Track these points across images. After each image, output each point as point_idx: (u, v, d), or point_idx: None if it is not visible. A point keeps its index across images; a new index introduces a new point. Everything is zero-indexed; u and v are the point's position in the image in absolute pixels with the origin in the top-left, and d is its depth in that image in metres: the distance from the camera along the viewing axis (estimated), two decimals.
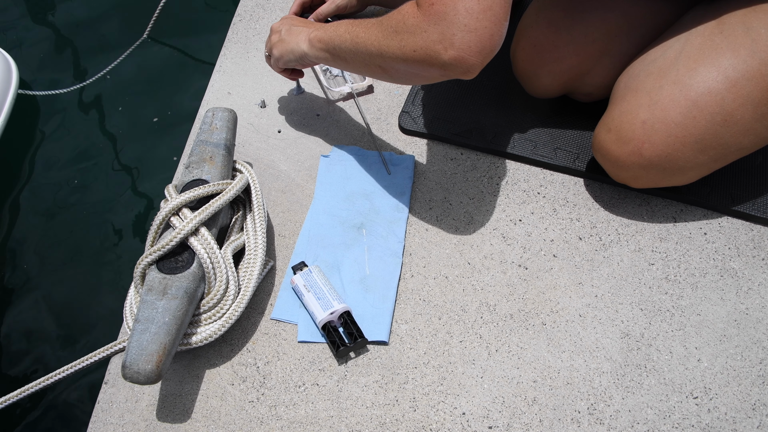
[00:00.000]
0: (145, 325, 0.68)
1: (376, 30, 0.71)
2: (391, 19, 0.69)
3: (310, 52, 0.83)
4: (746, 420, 0.71)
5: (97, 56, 1.66)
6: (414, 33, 0.66)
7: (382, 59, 0.71)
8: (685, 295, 0.81)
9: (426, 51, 0.65)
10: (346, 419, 0.73)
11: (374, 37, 0.71)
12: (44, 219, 1.41)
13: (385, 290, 0.81)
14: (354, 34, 0.74)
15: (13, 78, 1.44)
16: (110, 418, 0.74)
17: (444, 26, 0.63)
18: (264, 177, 0.95)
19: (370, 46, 0.72)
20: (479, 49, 0.64)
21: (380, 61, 0.72)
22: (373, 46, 0.71)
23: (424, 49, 0.66)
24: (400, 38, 0.67)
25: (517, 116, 0.98)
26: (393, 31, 0.68)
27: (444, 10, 0.63)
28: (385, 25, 0.70)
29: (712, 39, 0.75)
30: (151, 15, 1.57)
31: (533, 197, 0.91)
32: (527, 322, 0.79)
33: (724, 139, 0.75)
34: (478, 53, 0.64)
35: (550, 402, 0.73)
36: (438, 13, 0.63)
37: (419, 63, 0.67)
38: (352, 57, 0.76)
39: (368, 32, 0.72)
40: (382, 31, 0.70)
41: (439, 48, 0.64)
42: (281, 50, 0.87)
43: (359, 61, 0.75)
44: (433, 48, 0.65)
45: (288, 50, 0.86)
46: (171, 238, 0.73)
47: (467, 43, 0.63)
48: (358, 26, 0.74)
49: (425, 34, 0.65)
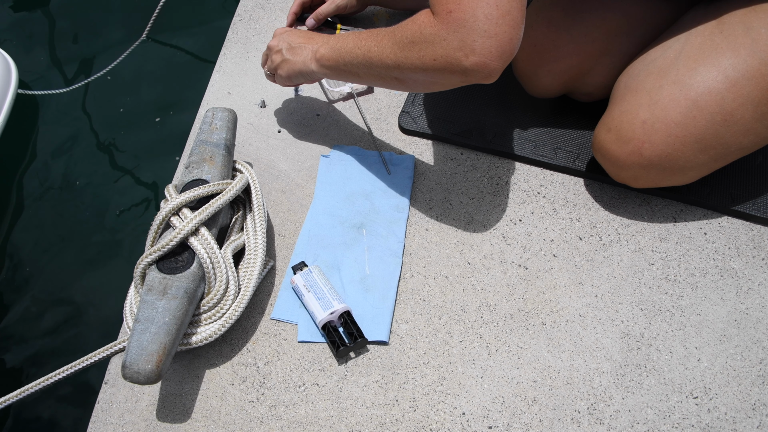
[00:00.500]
0: (145, 325, 0.68)
1: (390, 42, 0.71)
2: (405, 30, 0.69)
3: (318, 70, 0.82)
4: (746, 420, 0.71)
5: (97, 56, 1.67)
6: (433, 42, 0.66)
7: (399, 71, 0.71)
8: (685, 295, 0.81)
9: (447, 59, 0.66)
10: (346, 419, 0.73)
11: (389, 50, 0.71)
12: (44, 218, 1.41)
13: (385, 290, 0.81)
14: (366, 50, 0.74)
15: (12, 78, 1.44)
16: (110, 418, 0.74)
17: (464, 33, 0.63)
18: (264, 177, 0.95)
19: (385, 59, 0.72)
20: (500, 53, 0.64)
21: (397, 73, 0.72)
22: (389, 59, 0.71)
23: (444, 57, 0.66)
24: (418, 48, 0.68)
25: (517, 116, 0.98)
26: (409, 42, 0.68)
27: (463, 17, 0.63)
28: (399, 36, 0.70)
29: (712, 39, 0.75)
30: (151, 15, 1.57)
31: (533, 197, 0.91)
32: (527, 322, 0.79)
33: (724, 139, 0.75)
34: (499, 57, 0.64)
35: (550, 402, 0.73)
36: (457, 21, 0.63)
37: (440, 71, 0.67)
38: (365, 72, 0.76)
39: (381, 45, 0.72)
40: (396, 43, 0.70)
41: (460, 55, 0.65)
42: (288, 71, 0.86)
43: (373, 74, 0.75)
44: (454, 55, 0.65)
45: (296, 71, 0.85)
46: (171, 238, 0.73)
47: (488, 49, 0.64)
48: (367, 40, 0.74)
49: (445, 42, 0.65)
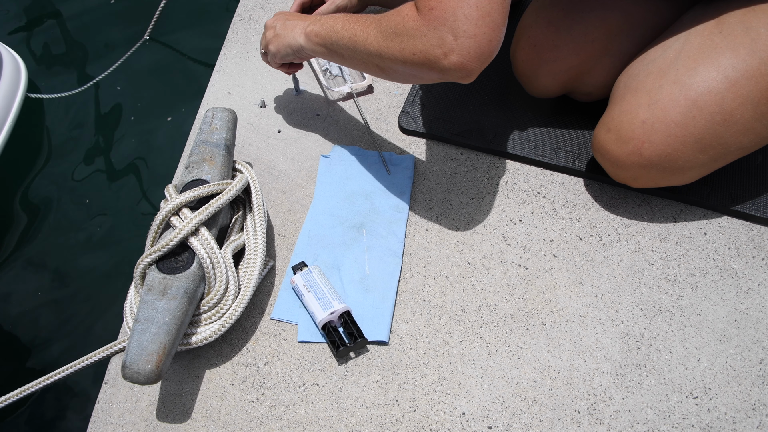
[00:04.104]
0: (145, 325, 0.68)
1: (375, 30, 0.71)
2: (390, 20, 0.69)
3: (306, 45, 0.82)
4: (746, 420, 0.71)
5: (98, 59, 1.67)
6: (414, 36, 0.66)
7: (380, 59, 0.71)
8: (685, 295, 0.81)
9: (425, 55, 0.66)
10: (346, 419, 0.73)
11: (373, 37, 0.71)
12: (44, 218, 1.41)
13: (385, 290, 0.81)
14: (352, 32, 0.74)
15: (22, 79, 1.44)
16: (110, 418, 0.74)
17: (443, 31, 0.64)
18: (264, 177, 0.95)
19: (369, 46, 0.72)
20: (478, 54, 0.64)
21: (378, 61, 0.72)
22: (372, 46, 0.71)
23: (423, 53, 0.66)
24: (399, 41, 0.68)
25: (517, 116, 0.98)
26: (392, 33, 0.68)
27: (443, 16, 0.63)
28: (384, 25, 0.70)
29: (711, 38, 0.75)
30: (152, 16, 1.57)
31: (533, 197, 0.91)
32: (527, 322, 0.79)
33: (723, 139, 0.75)
34: (477, 58, 0.65)
35: (550, 402, 0.73)
36: (438, 18, 0.64)
37: (418, 66, 0.68)
38: (349, 54, 0.76)
39: (366, 31, 0.72)
40: (381, 31, 0.70)
41: (439, 53, 0.65)
42: (277, 45, 0.87)
43: (357, 58, 0.75)
44: (433, 53, 0.65)
45: (284, 44, 0.85)
46: (171, 238, 0.73)
47: (466, 49, 0.64)
48: (355, 23, 0.74)
49: (425, 38, 0.65)
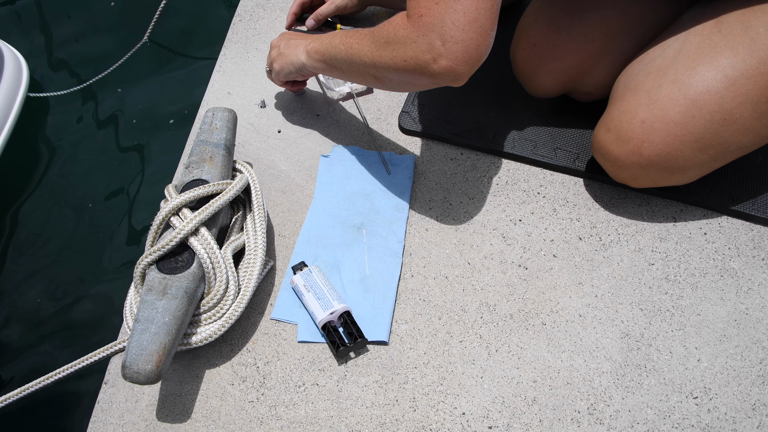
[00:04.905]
0: (145, 325, 0.68)
1: (369, 41, 0.74)
2: (382, 30, 0.72)
3: (308, 62, 0.86)
4: (746, 420, 0.71)
5: (99, 58, 1.66)
6: (404, 44, 0.69)
7: (375, 69, 0.74)
8: (685, 295, 0.81)
9: (416, 61, 0.68)
10: (346, 419, 0.73)
11: (367, 47, 0.74)
12: (44, 218, 1.41)
13: (385, 290, 0.81)
14: (348, 45, 0.78)
15: (23, 77, 1.44)
16: (110, 418, 0.74)
17: (432, 38, 0.66)
18: (264, 177, 0.95)
19: (363, 57, 0.75)
20: (466, 58, 0.67)
21: (373, 71, 0.75)
22: (367, 56, 0.74)
23: (414, 59, 0.69)
24: (391, 49, 0.71)
25: (516, 116, 0.98)
26: (384, 42, 0.71)
27: (432, 22, 0.66)
28: (377, 36, 0.73)
29: (710, 38, 0.75)
30: (152, 16, 1.57)
31: (533, 197, 0.91)
32: (527, 322, 0.79)
33: (723, 138, 0.75)
34: (465, 62, 0.67)
35: (550, 402, 0.73)
36: (427, 25, 0.66)
37: (410, 72, 0.70)
38: (347, 67, 0.80)
39: (361, 43, 0.76)
40: (374, 42, 0.73)
41: (428, 58, 0.67)
42: (281, 63, 0.91)
43: (354, 71, 0.79)
44: (423, 58, 0.68)
45: (288, 62, 0.90)
46: (171, 238, 0.73)
47: (454, 54, 0.66)
48: (351, 37, 0.78)
49: (415, 44, 0.68)
